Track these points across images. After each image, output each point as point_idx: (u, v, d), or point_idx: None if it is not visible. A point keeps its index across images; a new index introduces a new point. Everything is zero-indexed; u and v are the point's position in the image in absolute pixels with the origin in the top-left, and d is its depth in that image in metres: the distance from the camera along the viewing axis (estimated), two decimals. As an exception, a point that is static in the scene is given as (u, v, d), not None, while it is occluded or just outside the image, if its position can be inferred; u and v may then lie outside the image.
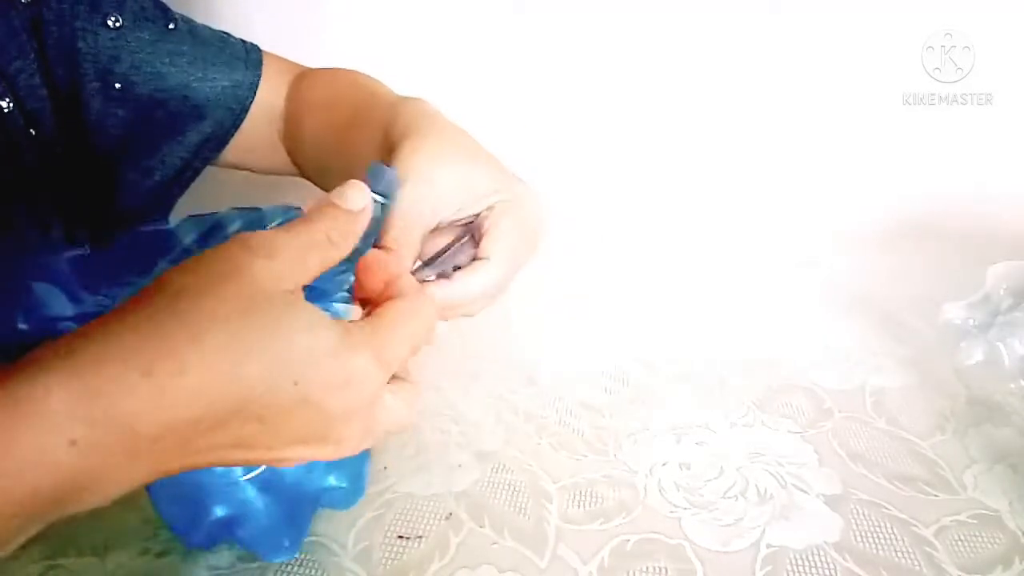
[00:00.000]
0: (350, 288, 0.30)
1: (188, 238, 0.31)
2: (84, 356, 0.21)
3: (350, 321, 0.27)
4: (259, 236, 0.24)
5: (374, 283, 0.30)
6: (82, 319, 0.27)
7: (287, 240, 0.25)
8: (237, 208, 0.32)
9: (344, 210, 0.27)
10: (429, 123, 0.36)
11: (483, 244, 0.34)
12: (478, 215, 0.35)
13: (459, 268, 0.34)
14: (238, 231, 0.31)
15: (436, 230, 0.34)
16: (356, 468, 0.40)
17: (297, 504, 0.37)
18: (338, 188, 0.28)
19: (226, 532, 0.36)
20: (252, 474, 0.35)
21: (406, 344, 0.28)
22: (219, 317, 0.22)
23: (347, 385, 0.25)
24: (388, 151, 0.34)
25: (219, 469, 0.34)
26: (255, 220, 0.32)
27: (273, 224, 0.32)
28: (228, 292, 0.23)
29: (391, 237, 0.31)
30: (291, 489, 0.36)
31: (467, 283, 0.33)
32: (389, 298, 0.29)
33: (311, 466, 0.37)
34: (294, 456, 0.25)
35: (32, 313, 0.28)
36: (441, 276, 0.34)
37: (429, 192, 0.32)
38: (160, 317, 0.22)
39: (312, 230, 0.26)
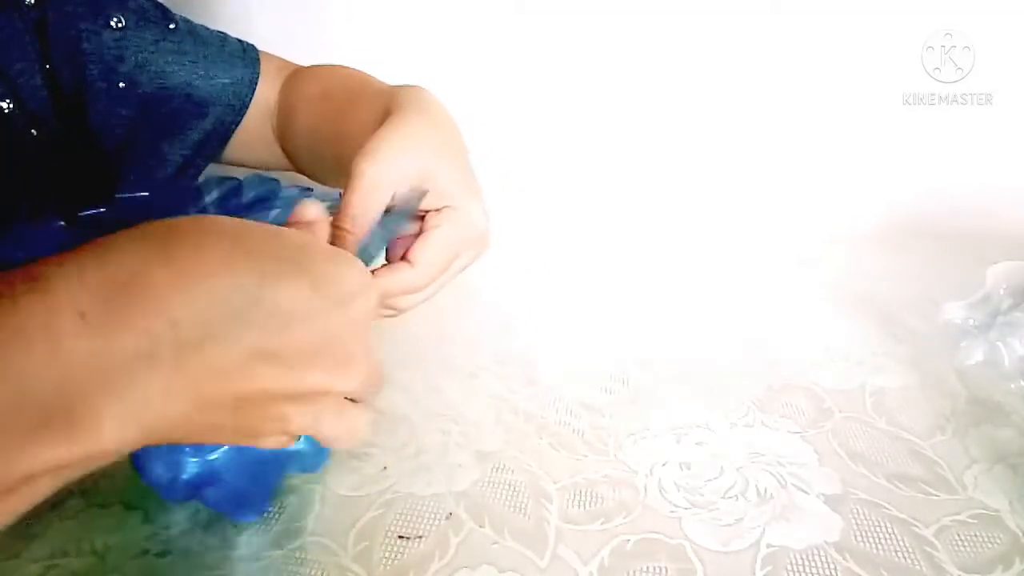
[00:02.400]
0: None
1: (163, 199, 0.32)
2: (91, 248, 0.21)
3: None
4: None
5: None
6: None
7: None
8: (217, 177, 0.33)
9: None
10: (420, 108, 0.36)
11: (413, 249, 0.34)
12: (428, 212, 0.36)
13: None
14: (215, 200, 0.32)
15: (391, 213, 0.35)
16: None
17: (263, 467, 0.38)
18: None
19: (195, 492, 0.37)
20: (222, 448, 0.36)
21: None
22: (224, 225, 0.23)
23: (343, 280, 0.25)
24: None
25: None
26: (233, 188, 0.33)
27: (249, 193, 0.33)
28: (224, 221, 0.24)
29: (348, 218, 0.32)
30: (258, 452, 0.37)
31: (386, 282, 0.34)
32: None
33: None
34: (319, 381, 0.25)
35: None
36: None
37: (386, 174, 0.33)
38: (167, 225, 0.23)
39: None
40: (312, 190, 0.37)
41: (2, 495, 0.20)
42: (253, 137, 0.52)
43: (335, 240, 0.31)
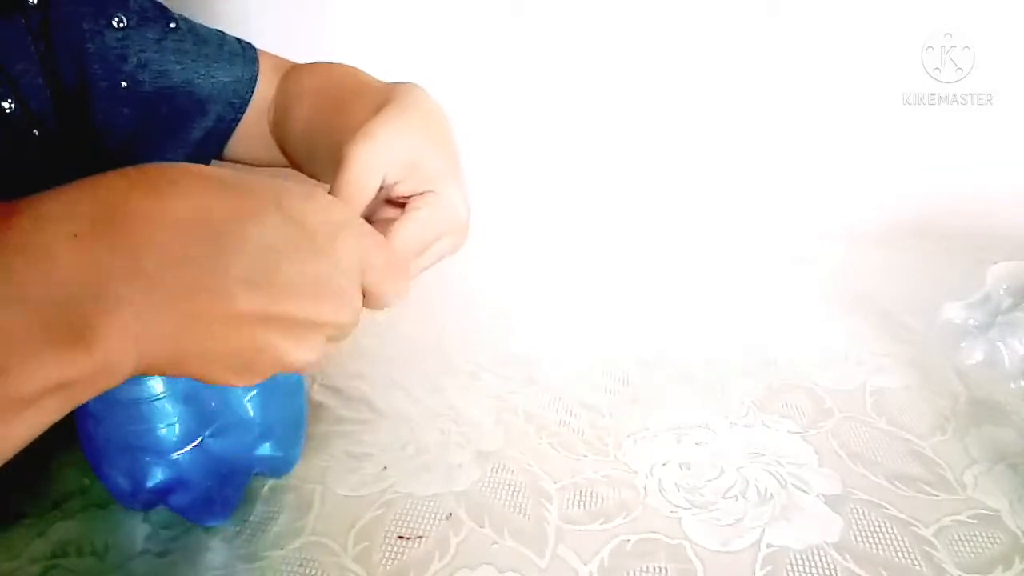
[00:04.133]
0: None
1: None
2: (77, 183, 0.23)
3: None
4: None
5: None
6: None
7: None
8: None
9: None
10: (415, 101, 0.36)
11: (392, 230, 0.34)
12: (411, 196, 0.36)
13: None
14: None
15: (378, 200, 0.35)
16: (291, 437, 0.42)
17: (231, 472, 0.39)
18: None
19: (161, 498, 0.37)
20: (186, 448, 0.36)
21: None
22: (205, 168, 0.25)
23: (322, 213, 0.26)
24: None
25: (154, 441, 0.35)
26: None
27: None
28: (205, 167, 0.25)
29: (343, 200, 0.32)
30: (225, 458, 0.38)
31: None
32: None
33: (246, 434, 0.38)
34: (309, 311, 0.25)
35: None
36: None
37: (379, 157, 0.33)
38: (152, 166, 0.24)
39: None
40: None
41: (11, 415, 0.21)
42: (251, 134, 0.52)
43: None
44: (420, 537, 0.39)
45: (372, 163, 0.33)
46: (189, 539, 0.39)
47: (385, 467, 0.44)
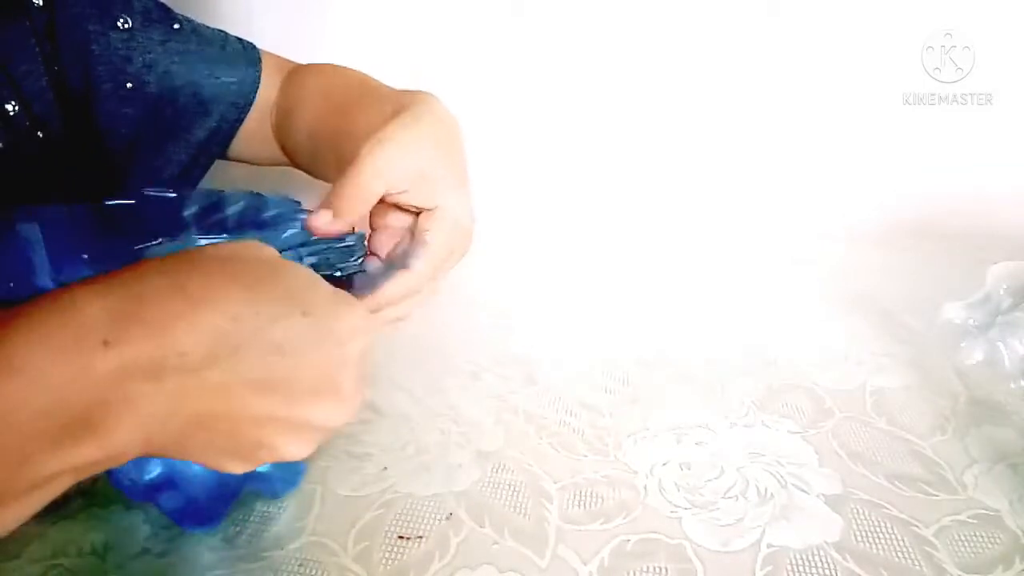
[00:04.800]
0: None
1: (189, 210, 0.32)
2: (118, 277, 0.24)
3: None
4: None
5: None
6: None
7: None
8: (241, 191, 0.33)
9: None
10: (427, 109, 0.37)
11: (412, 257, 0.36)
12: (421, 211, 0.37)
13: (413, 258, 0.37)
14: (239, 212, 0.33)
15: (386, 205, 0.37)
16: (294, 464, 0.42)
17: (222, 483, 0.38)
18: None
19: (153, 494, 0.37)
20: None
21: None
22: (239, 264, 0.26)
23: (342, 318, 0.28)
24: None
25: None
26: (256, 204, 0.33)
27: (270, 211, 0.33)
28: (243, 253, 0.26)
29: (339, 204, 0.34)
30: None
31: (391, 291, 0.36)
32: None
33: None
34: (310, 414, 0.27)
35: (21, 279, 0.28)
36: (402, 268, 0.36)
37: (388, 166, 0.34)
38: (188, 261, 0.25)
39: None
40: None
41: (26, 495, 0.23)
42: (253, 135, 0.52)
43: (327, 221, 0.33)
44: (420, 537, 0.39)
45: (381, 168, 0.34)
46: (189, 539, 0.39)
47: (385, 467, 0.44)
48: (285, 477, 0.42)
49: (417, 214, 0.38)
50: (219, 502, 0.39)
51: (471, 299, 0.66)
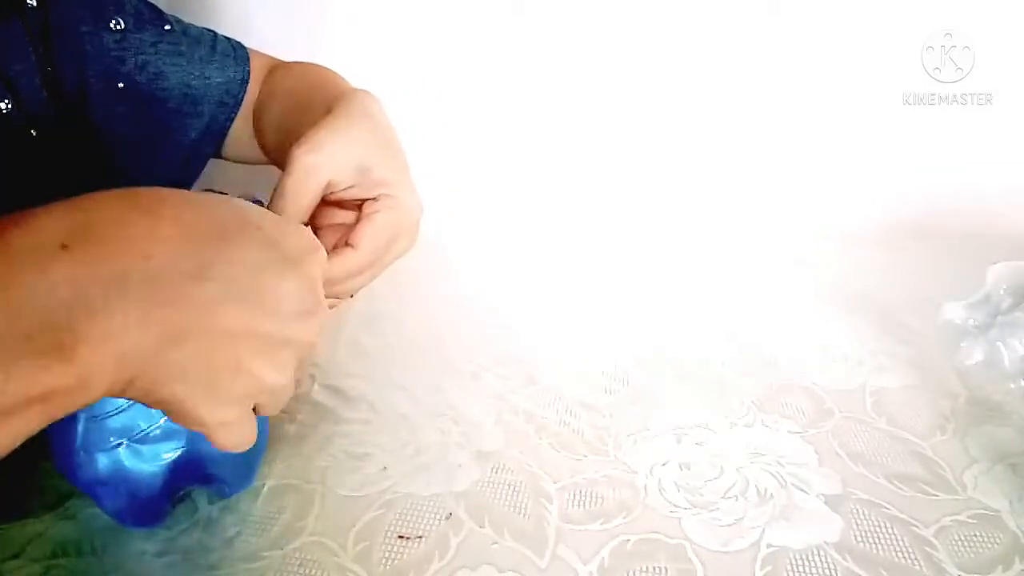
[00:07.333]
0: None
1: None
2: (74, 199, 0.23)
3: None
4: None
5: None
6: None
7: None
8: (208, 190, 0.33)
9: None
10: (358, 108, 0.37)
11: (355, 232, 0.36)
12: (364, 201, 0.37)
13: None
14: None
15: (330, 202, 0.37)
16: (240, 469, 0.42)
17: (167, 481, 0.38)
18: None
19: (96, 491, 0.37)
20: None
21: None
22: (188, 192, 0.26)
23: (293, 237, 0.28)
24: None
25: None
26: None
27: None
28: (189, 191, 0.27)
29: (279, 205, 0.34)
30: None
31: (334, 266, 0.35)
32: None
33: (194, 447, 0.38)
34: (282, 325, 0.27)
35: None
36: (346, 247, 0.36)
37: (324, 162, 0.34)
38: (138, 188, 0.25)
39: None
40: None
41: None
42: (241, 134, 0.52)
43: None
44: (420, 537, 0.39)
45: (313, 168, 0.34)
46: (189, 539, 0.39)
47: (385, 467, 0.44)
48: (238, 473, 0.41)
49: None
50: (162, 500, 0.39)
51: (471, 299, 0.66)
